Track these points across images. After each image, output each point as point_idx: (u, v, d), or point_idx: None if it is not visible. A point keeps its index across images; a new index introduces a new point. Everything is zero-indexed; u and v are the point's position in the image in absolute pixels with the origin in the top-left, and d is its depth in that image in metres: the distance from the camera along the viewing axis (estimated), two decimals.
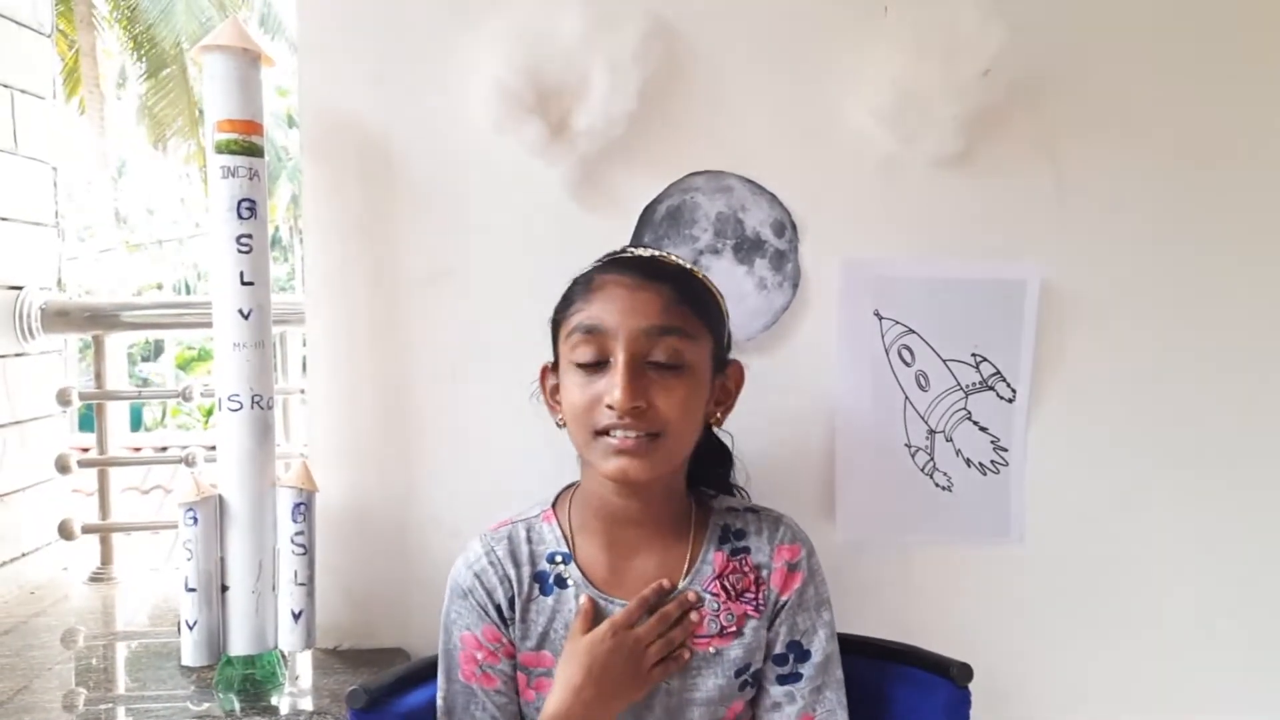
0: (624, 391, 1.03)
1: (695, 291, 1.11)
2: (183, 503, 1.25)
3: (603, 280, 1.09)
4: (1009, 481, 1.54)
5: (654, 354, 1.05)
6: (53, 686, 1.39)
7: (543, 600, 1.14)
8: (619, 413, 1.03)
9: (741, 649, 1.14)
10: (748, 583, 1.15)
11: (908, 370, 1.51)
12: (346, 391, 1.45)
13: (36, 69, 1.95)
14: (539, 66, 1.35)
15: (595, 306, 1.07)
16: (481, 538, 1.18)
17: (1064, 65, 1.49)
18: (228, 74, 1.26)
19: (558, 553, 1.15)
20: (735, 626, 1.14)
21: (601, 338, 1.06)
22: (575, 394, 1.08)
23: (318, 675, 1.42)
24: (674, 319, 1.06)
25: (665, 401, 1.05)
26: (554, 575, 1.14)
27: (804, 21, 1.46)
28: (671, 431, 1.06)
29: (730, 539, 1.17)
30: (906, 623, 1.40)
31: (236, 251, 1.27)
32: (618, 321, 1.05)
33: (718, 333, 1.13)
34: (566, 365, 1.10)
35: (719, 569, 1.15)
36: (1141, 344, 1.54)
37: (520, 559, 1.15)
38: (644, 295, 1.06)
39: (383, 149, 1.43)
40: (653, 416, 1.05)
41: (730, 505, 1.21)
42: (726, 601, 1.14)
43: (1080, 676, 1.58)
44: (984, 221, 1.50)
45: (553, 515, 1.18)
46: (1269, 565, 1.60)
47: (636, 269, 1.10)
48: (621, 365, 1.04)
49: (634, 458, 1.05)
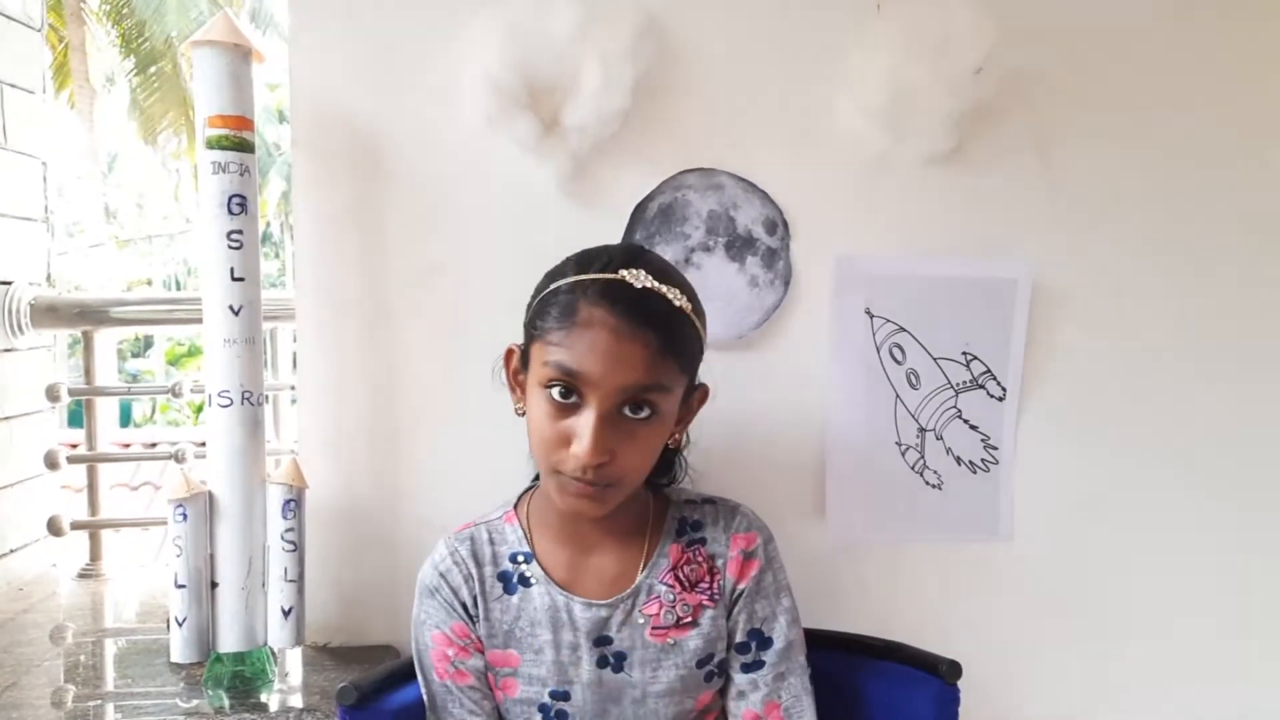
0: (590, 450, 1.00)
1: (682, 340, 1.05)
2: (172, 499, 1.25)
3: (589, 315, 1.01)
4: (999, 480, 1.54)
5: (629, 406, 1.02)
6: (41, 683, 1.38)
7: (507, 599, 1.15)
8: (581, 467, 1.01)
9: (700, 639, 1.14)
10: (701, 573, 1.15)
11: (898, 368, 1.51)
12: (337, 388, 1.45)
13: (26, 63, 1.94)
14: (531, 62, 1.35)
15: (577, 349, 1.01)
16: (445, 539, 1.18)
17: (1055, 64, 1.49)
18: (219, 69, 1.25)
19: (519, 552, 1.16)
20: (691, 617, 1.14)
21: (578, 382, 1.01)
22: (542, 421, 1.04)
23: (307, 672, 1.41)
24: (655, 375, 1.02)
25: (628, 452, 1.03)
26: (517, 574, 1.15)
27: (796, 19, 1.46)
28: (630, 480, 1.07)
29: (687, 531, 1.18)
30: (896, 620, 1.41)
31: (227, 247, 1.26)
32: (599, 374, 1.00)
33: (693, 370, 1.11)
34: (537, 382, 1.05)
35: (674, 561, 1.16)
36: (1132, 342, 1.55)
37: (483, 559, 1.16)
38: (630, 347, 1.00)
39: (374, 144, 1.42)
40: (611, 470, 1.03)
41: (688, 498, 1.21)
42: (681, 593, 1.14)
43: (1070, 674, 1.59)
44: (975, 220, 1.51)
45: (514, 516, 1.19)
46: (1259, 562, 1.61)
47: (626, 310, 1.01)
48: (593, 421, 1.00)
49: (590, 501, 1.05)
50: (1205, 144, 1.53)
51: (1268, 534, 1.61)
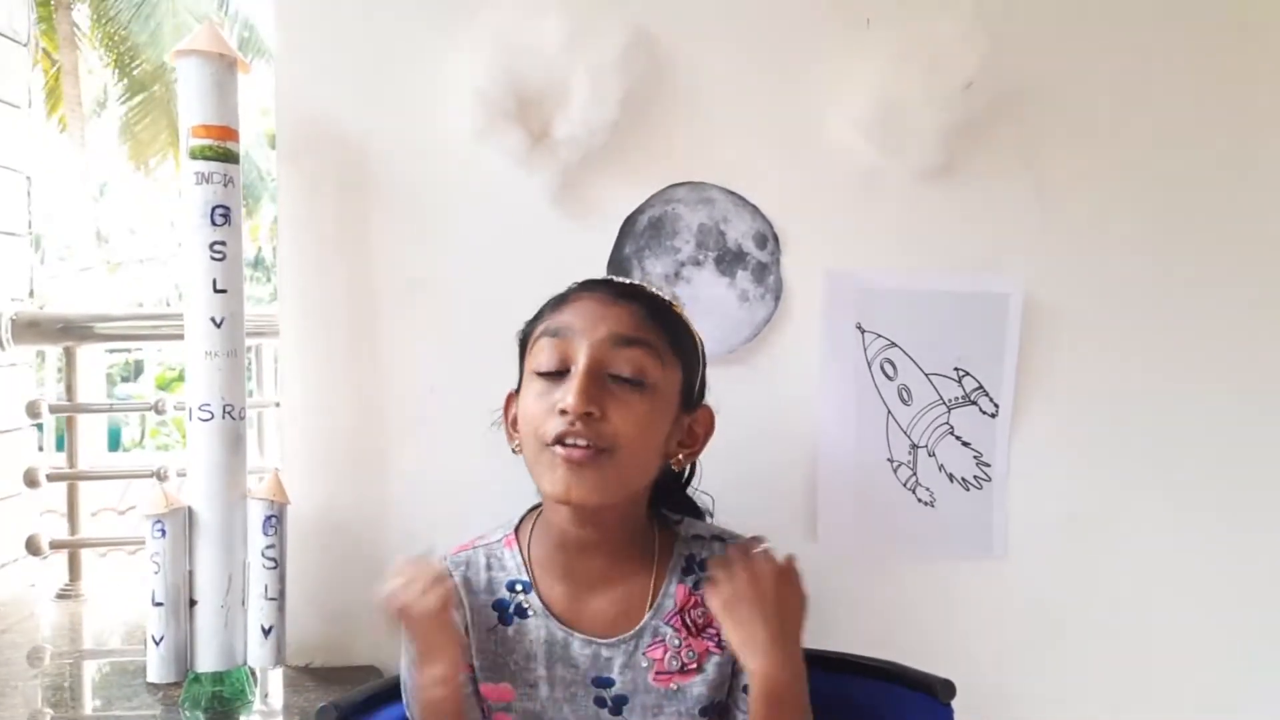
0: (578, 395, 0.98)
1: (670, 318, 1.07)
2: (150, 514, 1.23)
3: (577, 295, 1.07)
4: (992, 496, 1.53)
5: (617, 365, 1.01)
6: (17, 704, 1.36)
7: (503, 630, 1.10)
8: (571, 417, 0.98)
9: (705, 686, 1.10)
10: (709, 618, 1.10)
11: (890, 384, 1.50)
12: (320, 402, 1.43)
13: (11, 77, 1.93)
14: (520, 74, 1.34)
15: (564, 315, 1.04)
16: (440, 563, 1.13)
17: (1046, 78, 1.49)
18: (203, 79, 1.25)
19: (518, 581, 1.11)
20: (696, 663, 1.10)
21: (565, 343, 1.02)
22: (531, 404, 1.03)
23: (288, 693, 1.39)
24: (643, 332, 1.02)
25: (620, 415, 0.99)
26: (514, 605, 1.10)
27: (787, 33, 1.45)
28: (623, 448, 1.00)
29: (694, 570, 1.13)
30: (889, 639, 1.38)
31: (209, 259, 1.25)
32: (584, 327, 1.01)
33: (689, 365, 1.09)
34: (528, 377, 1.06)
35: (680, 603, 1.11)
36: (1124, 358, 1.54)
37: (477, 586, 1.11)
38: (616, 309, 1.03)
39: (361, 156, 1.41)
40: (604, 429, 0.99)
41: (697, 532, 1.16)
42: (688, 638, 1.10)
43: (1064, 692, 1.56)
44: (966, 234, 1.50)
45: (514, 540, 1.14)
46: (1253, 578, 1.59)
47: (611, 287, 1.07)
48: (581, 370, 0.99)
49: (580, 472, 0.99)
50: (1197, 158, 1.52)
51: (1261, 551, 1.59)
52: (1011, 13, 1.46)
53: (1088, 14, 1.50)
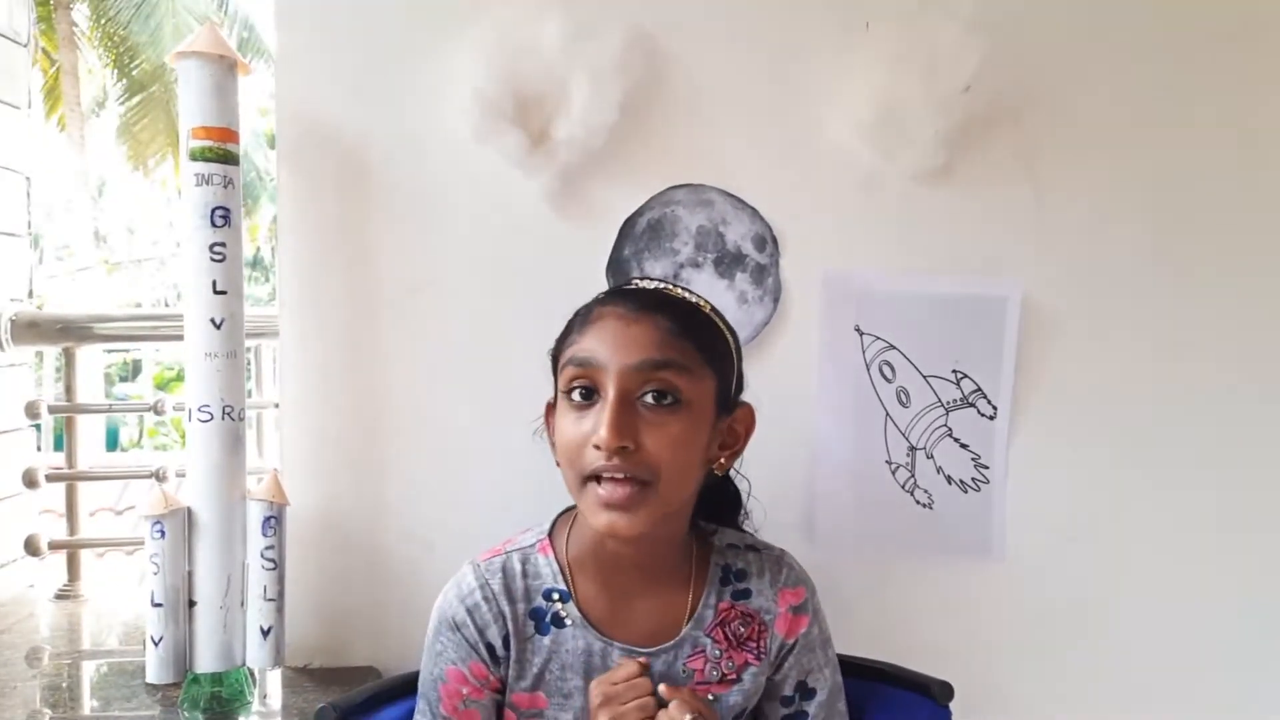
0: (610, 429, 0.97)
1: (698, 324, 1.05)
2: (149, 515, 1.23)
3: (600, 312, 1.04)
4: (990, 499, 1.53)
5: (646, 390, 1.00)
6: (16, 704, 1.36)
7: (539, 640, 1.09)
8: (605, 452, 0.97)
9: (740, 695, 1.11)
10: (750, 631, 1.11)
11: (888, 386, 1.50)
12: (320, 402, 1.43)
13: (11, 77, 1.93)
14: (519, 75, 1.34)
15: (589, 339, 1.02)
16: (475, 567, 1.11)
17: (1045, 81, 1.49)
18: (203, 81, 1.24)
19: (555, 589, 1.10)
20: (735, 674, 1.11)
21: (593, 372, 1.00)
22: (567, 430, 1.02)
23: (287, 694, 1.39)
24: (670, 352, 1.00)
25: (656, 441, 0.98)
26: (551, 613, 1.09)
27: (786, 36, 1.45)
28: (664, 478, 0.99)
29: (731, 580, 1.13)
30: (887, 641, 1.38)
31: (209, 260, 1.25)
32: (609, 355, 1.00)
33: (723, 370, 1.07)
34: (561, 399, 1.05)
35: (720, 615, 1.12)
36: (1122, 361, 1.54)
37: (515, 594, 1.09)
38: (639, 328, 1.01)
39: (360, 158, 1.41)
40: (641, 459, 0.98)
41: (730, 542, 1.17)
42: (728, 649, 1.11)
43: (1063, 694, 1.57)
44: (965, 237, 1.50)
45: (549, 546, 1.12)
46: (1252, 580, 1.59)
47: (635, 299, 1.05)
48: (610, 402, 0.98)
49: (624, 512, 0.99)
50: (1195, 162, 1.52)
51: (1259, 554, 1.59)
52: (1010, 16, 1.46)
53: (1086, 17, 1.50)
